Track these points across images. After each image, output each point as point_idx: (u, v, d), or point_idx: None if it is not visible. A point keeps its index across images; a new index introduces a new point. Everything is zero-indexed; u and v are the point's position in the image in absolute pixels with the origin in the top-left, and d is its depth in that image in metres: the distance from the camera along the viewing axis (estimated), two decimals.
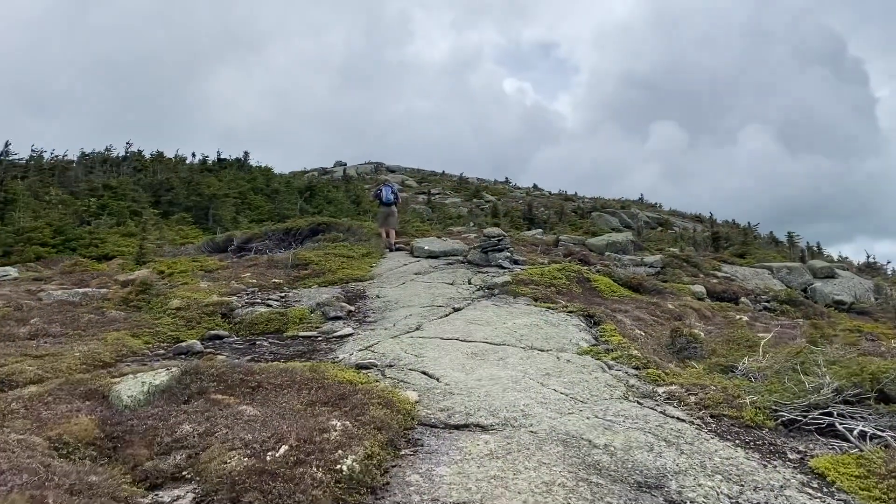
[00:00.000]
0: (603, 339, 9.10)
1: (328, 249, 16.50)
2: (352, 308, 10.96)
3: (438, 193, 59.34)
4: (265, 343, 9.04)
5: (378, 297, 11.90)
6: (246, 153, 42.07)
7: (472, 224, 34.63)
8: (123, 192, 24.51)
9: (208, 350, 8.29)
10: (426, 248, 17.05)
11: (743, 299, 15.08)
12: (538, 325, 9.24)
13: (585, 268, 14.83)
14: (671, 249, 26.84)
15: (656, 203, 75.01)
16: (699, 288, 14.94)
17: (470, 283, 12.89)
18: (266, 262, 15.42)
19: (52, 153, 32.69)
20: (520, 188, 76.77)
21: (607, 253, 18.39)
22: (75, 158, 32.75)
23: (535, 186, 79.13)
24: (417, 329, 9.15)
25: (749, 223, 59.30)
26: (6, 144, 28.09)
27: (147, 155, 37.17)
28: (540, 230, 26.15)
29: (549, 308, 10.70)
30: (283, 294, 11.90)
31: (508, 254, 14.91)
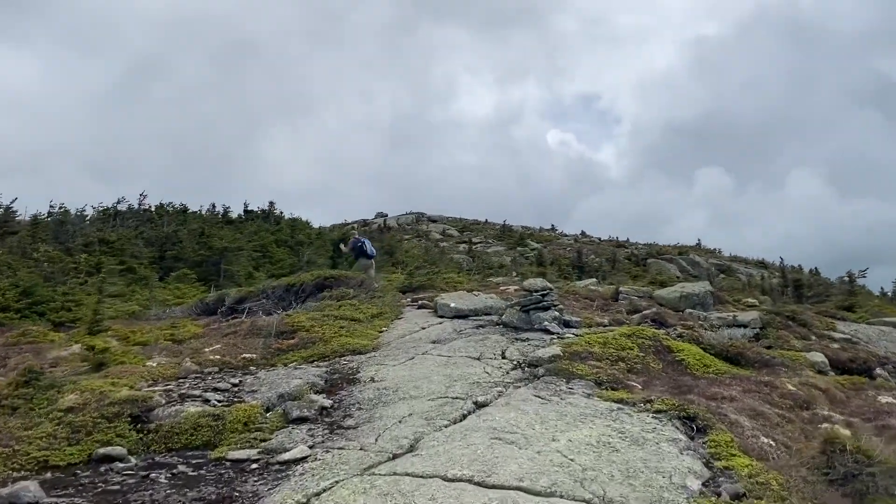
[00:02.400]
0: (720, 465, 5.46)
1: (330, 310, 13.15)
2: (328, 402, 7.51)
3: (480, 242, 56.02)
4: (168, 475, 5.63)
5: (373, 380, 8.42)
6: (271, 203, 39.55)
7: (514, 274, 31.06)
8: (121, 247, 21.84)
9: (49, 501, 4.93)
10: (452, 305, 13.57)
11: (879, 371, 11.13)
12: (610, 442, 5.61)
13: (662, 331, 11.12)
14: (750, 300, 22.78)
15: (715, 248, 70.06)
16: (818, 357, 11.05)
17: (504, 358, 9.33)
18: (248, 328, 12.14)
19: (57, 207, 30.59)
20: (567, 235, 72.91)
21: (687, 310, 14.58)
22: (81, 212, 30.52)
23: (582, 233, 75.10)
24: (411, 450, 5.64)
25: (816, 268, 54.22)
26: (12, 201, 25.86)
27: (168, 208, 34.94)
28: (593, 280, 22.43)
29: (622, 402, 7.07)
30: (240, 380, 8.50)
31: (556, 313, 11.31)
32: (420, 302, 15.73)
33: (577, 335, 10.55)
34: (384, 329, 12.38)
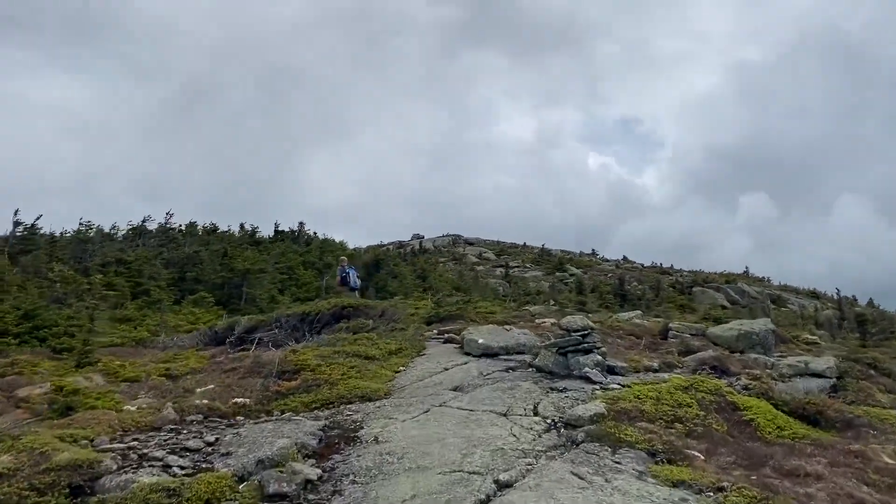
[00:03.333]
0: None
1: (343, 344, 11.78)
2: (315, 474, 6.08)
3: (518, 266, 54.35)
4: None
5: (377, 440, 6.97)
6: (301, 223, 38.54)
7: (552, 302, 29.38)
8: (138, 268, 20.89)
9: None
10: (480, 342, 12.08)
11: None
12: None
13: (724, 382, 9.47)
14: (809, 336, 20.79)
15: (764, 277, 67.02)
16: None
17: (535, 414, 7.79)
18: (251, 364, 10.82)
19: (87, 226, 30.00)
20: (608, 260, 70.70)
21: (747, 352, 12.85)
22: (111, 231, 29.85)
23: (624, 258, 72.82)
24: None
25: (872, 299, 51.15)
26: (36, 218, 25.23)
27: (199, 227, 34.16)
28: (638, 312, 20.70)
29: (684, 486, 5.50)
30: (217, 437, 7.12)
31: (599, 357, 9.73)
32: (446, 335, 14.26)
33: (623, 385, 8.96)
34: (401, 369, 10.94)
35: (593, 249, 76.00)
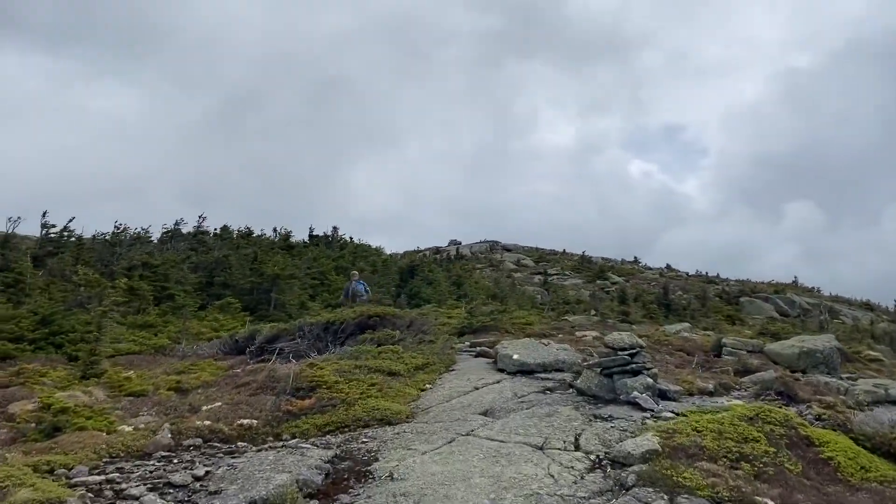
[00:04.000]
0: None
1: (366, 357, 10.86)
2: None
3: (557, 274, 52.97)
4: None
5: (391, 477, 6.01)
6: (335, 228, 37.82)
7: (593, 312, 28.12)
8: (165, 272, 20.33)
9: None
10: (515, 357, 11.06)
11: None
12: None
13: (794, 411, 8.27)
14: (871, 353, 19.29)
15: (814, 287, 64.33)
16: None
17: (577, 449, 6.73)
18: (265, 378, 9.96)
19: (121, 229, 29.74)
20: (651, 269, 68.72)
21: (814, 374, 11.57)
22: (145, 233, 29.52)
23: (668, 267, 70.68)
24: None
25: None
26: (69, 220, 24.97)
27: (234, 231, 33.70)
28: (686, 325, 19.40)
29: None
30: (208, 470, 6.22)
31: (649, 379, 8.60)
32: (479, 349, 13.28)
33: (678, 413, 7.84)
34: (427, 386, 9.98)
35: (635, 257, 73.98)
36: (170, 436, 7.32)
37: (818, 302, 53.26)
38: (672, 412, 7.94)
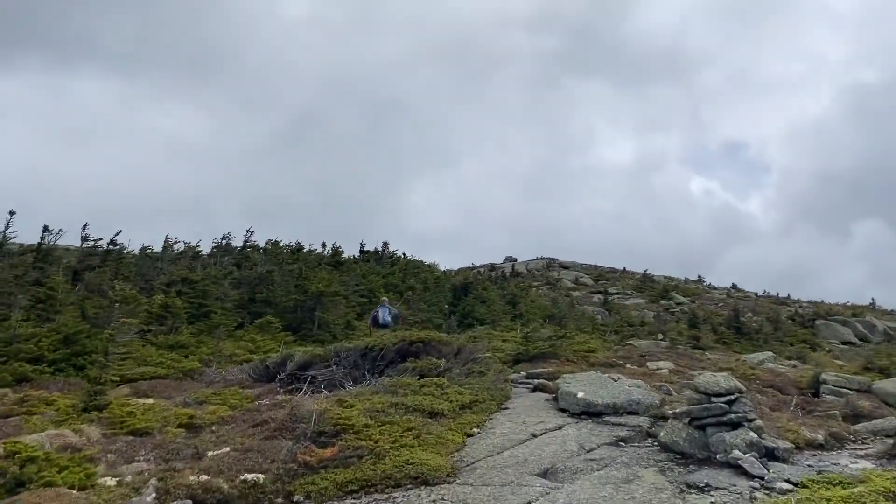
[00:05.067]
0: None
1: (405, 392, 9.36)
2: None
3: (617, 293, 50.58)
4: None
5: None
6: (385, 243, 36.55)
7: (660, 336, 26.01)
8: (204, 288, 19.33)
9: None
10: (580, 396, 9.37)
11: None
12: None
13: None
14: None
15: (893, 310, 60.08)
16: None
17: None
18: (286, 416, 8.54)
19: (173, 243, 29.12)
20: (716, 288, 65.43)
21: None
22: (194, 248, 28.79)
23: (734, 286, 67.23)
24: None
25: None
26: (116, 234, 24.36)
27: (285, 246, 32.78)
28: (769, 354, 17.27)
29: None
30: None
31: (753, 435, 6.81)
32: (537, 381, 11.63)
33: (794, 484, 6.04)
34: (475, 431, 8.38)
35: (699, 276, 70.59)
36: (154, 495, 5.94)
37: None
38: (787, 481, 6.14)
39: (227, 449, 7.56)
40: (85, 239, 21.05)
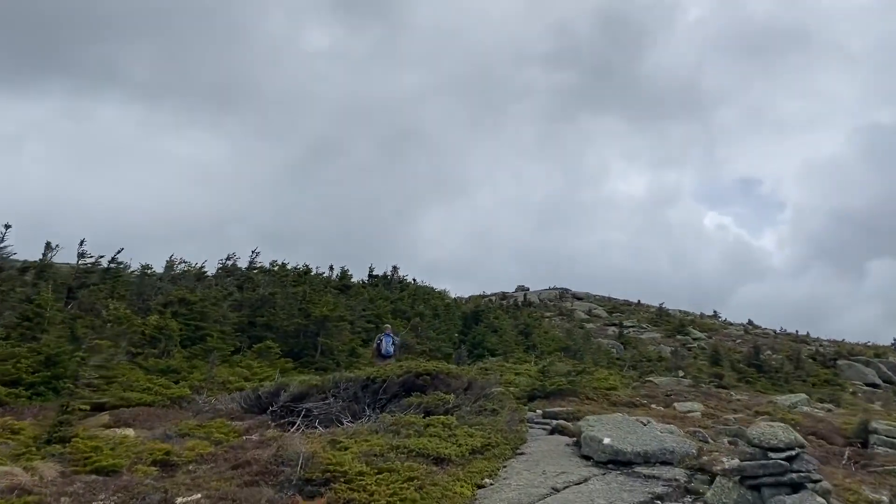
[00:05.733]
0: None
1: (407, 432, 8.31)
2: None
3: (633, 326, 49.22)
4: None
5: None
6: (394, 268, 35.50)
7: (681, 374, 24.76)
8: (202, 310, 18.41)
9: None
10: (606, 442, 8.28)
11: None
12: None
13: None
14: None
15: None
16: None
17: None
18: (270, 459, 7.48)
19: (178, 263, 28.29)
20: (733, 324, 63.86)
21: None
22: (199, 269, 27.93)
23: (750, 322, 65.70)
24: None
25: None
26: (117, 252, 23.57)
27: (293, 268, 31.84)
28: (803, 396, 16.05)
29: None
30: None
31: (821, 500, 5.71)
32: (555, 423, 10.54)
33: None
34: (486, 482, 7.29)
35: (715, 311, 69.15)
36: None
37: None
38: None
39: (199, 496, 6.52)
40: (82, 255, 20.16)
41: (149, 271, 22.75)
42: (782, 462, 5.81)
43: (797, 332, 58.28)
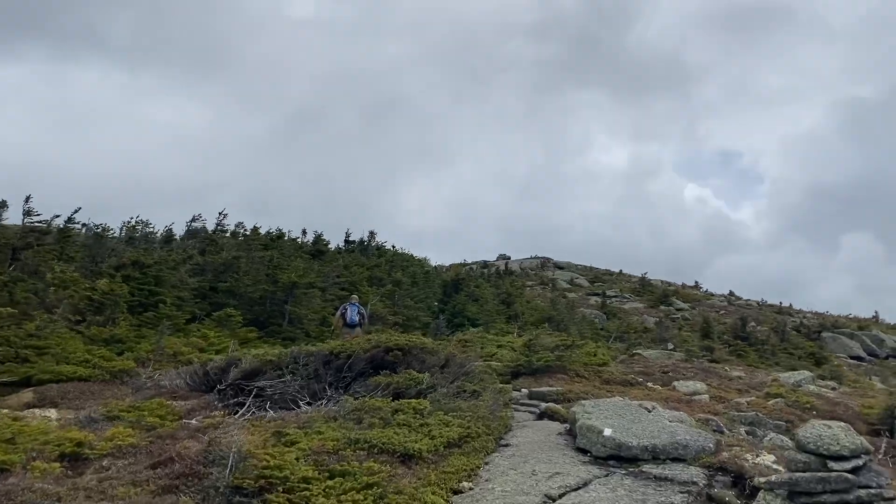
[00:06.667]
0: None
1: (370, 421, 6.90)
2: None
3: (616, 296, 48.28)
4: None
5: None
6: (371, 233, 33.92)
7: (671, 346, 23.64)
8: (157, 274, 16.83)
9: None
10: (607, 434, 6.97)
11: None
12: None
13: None
14: None
15: None
16: None
17: None
18: (196, 458, 6.05)
19: (140, 223, 26.55)
20: (714, 295, 63.15)
21: None
22: (167, 231, 26.22)
23: (732, 293, 65.07)
24: None
25: None
26: (74, 211, 21.82)
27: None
28: (806, 374, 14.86)
29: None
30: None
31: None
32: (544, 405, 9.21)
33: None
34: (465, 486, 5.93)
35: (696, 282, 68.42)
36: None
37: None
38: None
39: None
40: (28, 213, 18.36)
41: (104, 233, 21.04)
42: (848, 475, 4.50)
43: (780, 303, 57.73)
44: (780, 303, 57.25)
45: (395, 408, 7.50)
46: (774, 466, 6.04)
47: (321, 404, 8.68)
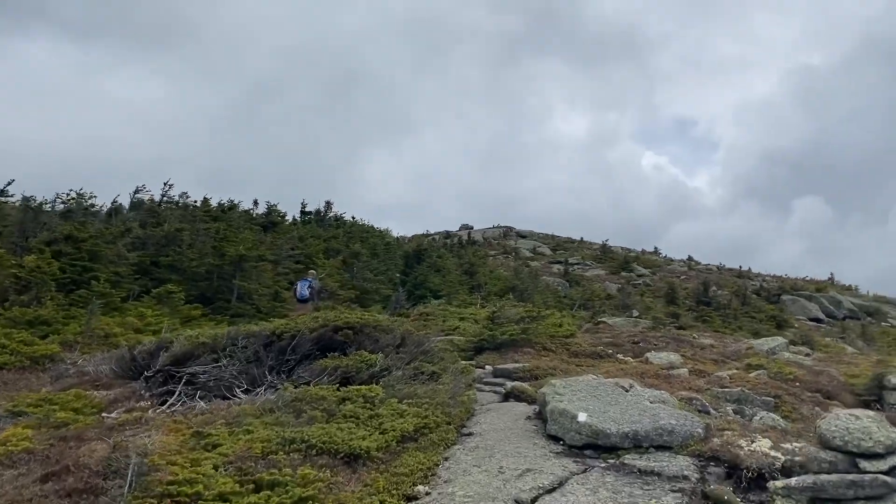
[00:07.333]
0: None
1: (312, 413, 5.94)
2: None
3: (577, 264, 47.88)
4: None
5: None
6: (328, 203, 32.60)
7: (635, 313, 23.10)
8: (92, 248, 15.51)
9: None
10: (582, 419, 6.14)
11: None
12: None
13: None
14: None
15: (851, 285, 58.91)
16: None
17: None
18: (101, 460, 5.04)
19: (75, 196, 24.82)
20: (674, 260, 63.33)
21: None
22: (113, 204, 24.59)
23: (691, 258, 65.32)
24: None
25: None
26: (8, 183, 20.23)
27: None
28: (781, 340, 14.32)
29: None
30: None
31: None
32: (510, 385, 8.36)
33: None
34: (419, 490, 5.03)
35: (656, 248, 68.65)
36: None
37: (861, 302, 48.31)
38: None
39: None
40: None
41: (35, 205, 19.44)
42: (883, 477, 3.70)
43: (740, 267, 58.15)
44: (740, 267, 57.69)
45: (343, 396, 6.56)
46: (772, 454, 5.27)
47: (260, 392, 7.70)
